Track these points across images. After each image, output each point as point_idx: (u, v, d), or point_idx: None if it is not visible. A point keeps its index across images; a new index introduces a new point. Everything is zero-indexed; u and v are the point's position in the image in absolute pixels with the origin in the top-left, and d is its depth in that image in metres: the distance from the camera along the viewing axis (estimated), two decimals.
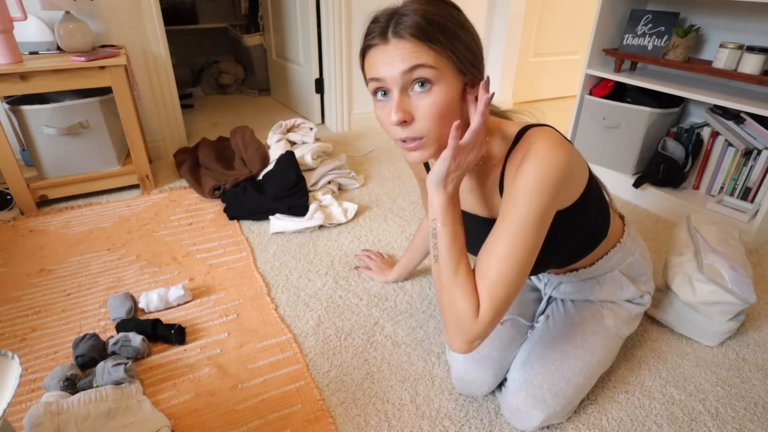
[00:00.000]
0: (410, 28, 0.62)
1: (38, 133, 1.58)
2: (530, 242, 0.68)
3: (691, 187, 1.76)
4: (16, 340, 1.09)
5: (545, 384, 0.87)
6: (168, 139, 2.15)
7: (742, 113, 1.59)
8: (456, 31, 0.65)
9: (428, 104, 0.65)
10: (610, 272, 0.97)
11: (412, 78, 0.64)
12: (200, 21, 3.45)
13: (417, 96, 0.65)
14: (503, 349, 0.94)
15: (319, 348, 1.09)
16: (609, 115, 1.84)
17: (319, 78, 2.55)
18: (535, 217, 0.67)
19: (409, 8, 0.64)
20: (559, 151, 0.67)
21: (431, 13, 0.64)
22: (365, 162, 2.15)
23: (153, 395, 0.95)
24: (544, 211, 0.68)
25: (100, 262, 1.37)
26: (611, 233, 0.92)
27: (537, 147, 0.68)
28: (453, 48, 0.64)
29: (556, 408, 0.86)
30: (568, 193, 0.74)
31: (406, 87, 0.65)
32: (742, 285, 1.06)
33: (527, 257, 0.68)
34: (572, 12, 3.05)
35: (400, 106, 0.65)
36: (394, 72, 0.64)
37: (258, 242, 1.50)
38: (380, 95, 0.68)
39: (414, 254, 1.25)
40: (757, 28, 1.58)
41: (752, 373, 1.05)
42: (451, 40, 0.64)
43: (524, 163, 0.68)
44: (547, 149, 0.67)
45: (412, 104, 0.66)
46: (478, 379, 0.92)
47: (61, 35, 1.67)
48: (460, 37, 0.65)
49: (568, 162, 0.67)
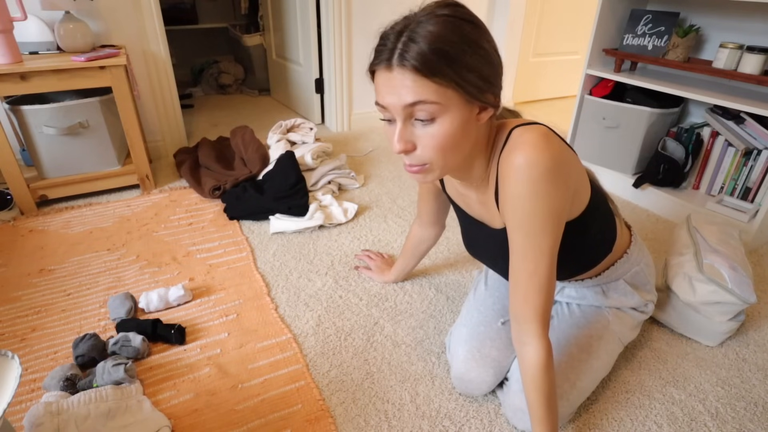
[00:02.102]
0: (415, 60, 0.59)
1: (38, 133, 1.58)
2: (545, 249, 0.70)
3: (691, 187, 1.76)
4: (16, 340, 1.09)
5: None
6: (168, 139, 2.15)
7: (742, 113, 1.59)
8: (466, 59, 0.61)
9: (430, 136, 0.64)
10: (615, 281, 0.97)
11: (413, 111, 0.63)
12: (200, 21, 3.45)
13: (420, 127, 0.64)
14: (503, 349, 0.94)
15: (319, 348, 1.09)
16: (609, 115, 1.84)
17: (319, 78, 2.55)
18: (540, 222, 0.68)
19: (419, 32, 0.60)
20: (543, 150, 0.65)
21: (442, 38, 0.59)
22: (365, 162, 2.15)
23: (153, 395, 0.95)
24: (548, 212, 0.67)
25: (100, 262, 1.37)
26: (618, 245, 0.91)
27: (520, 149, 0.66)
28: (460, 79, 0.61)
29: (559, 410, 0.86)
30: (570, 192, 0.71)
31: (409, 118, 0.64)
32: (742, 285, 1.06)
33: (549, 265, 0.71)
34: (572, 12, 3.05)
35: (402, 137, 0.65)
36: (396, 103, 0.63)
37: (258, 242, 1.50)
38: (386, 116, 0.67)
39: (407, 260, 1.24)
40: (757, 28, 1.58)
41: (752, 373, 1.05)
42: (459, 71, 0.60)
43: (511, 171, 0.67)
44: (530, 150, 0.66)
45: (414, 134, 0.65)
46: (477, 378, 0.92)
47: (61, 35, 1.67)
48: (470, 66, 0.61)
49: (552, 161, 0.65)
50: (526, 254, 0.70)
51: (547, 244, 0.70)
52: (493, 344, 0.94)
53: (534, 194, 0.66)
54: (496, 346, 0.94)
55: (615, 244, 0.90)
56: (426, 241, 1.18)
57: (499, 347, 0.94)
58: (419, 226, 1.16)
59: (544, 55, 3.12)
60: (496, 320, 0.97)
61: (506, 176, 0.69)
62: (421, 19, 0.61)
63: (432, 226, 1.14)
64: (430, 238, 1.17)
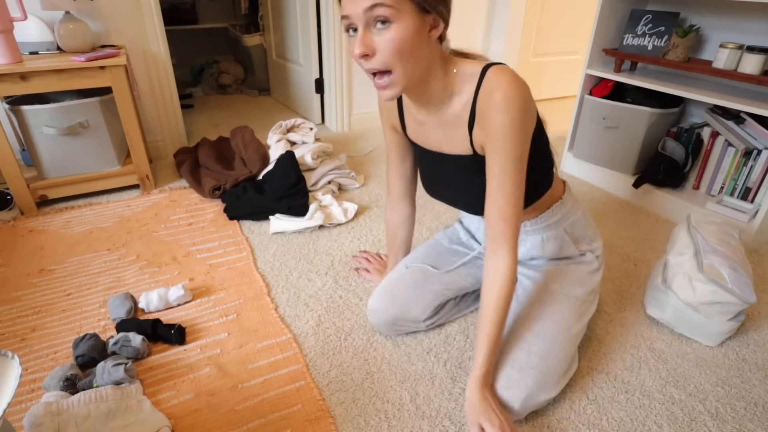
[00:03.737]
0: None
1: (38, 133, 1.58)
2: (521, 177, 0.81)
3: (691, 187, 1.76)
4: (16, 340, 1.09)
5: (506, 364, 0.90)
6: (168, 139, 2.15)
7: (742, 113, 1.59)
8: None
9: (387, 40, 0.71)
10: (555, 230, 1.02)
11: (373, 15, 0.69)
12: (200, 21, 3.45)
13: (378, 32, 0.71)
14: (405, 288, 1.08)
15: (319, 348, 1.09)
16: (609, 115, 1.84)
17: (319, 78, 2.55)
18: (520, 152, 0.79)
19: None
20: (519, 87, 0.76)
21: None
22: (365, 162, 2.15)
23: (153, 395, 0.95)
24: (526, 139, 0.79)
25: (100, 262, 1.37)
26: (554, 189, 1.00)
27: (501, 87, 0.76)
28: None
29: (528, 381, 0.86)
30: (533, 119, 0.81)
31: (369, 24, 0.71)
32: (742, 285, 1.06)
33: (522, 187, 0.82)
34: (572, 12, 3.05)
35: (362, 41, 0.72)
36: (357, 9, 0.70)
37: (258, 242, 1.50)
38: (351, 32, 0.73)
39: (395, 253, 1.22)
40: (757, 28, 1.58)
41: (752, 373, 1.05)
42: None
43: (493, 107, 0.77)
44: (510, 88, 0.76)
45: (374, 39, 0.72)
46: (376, 307, 1.08)
47: (61, 35, 1.67)
48: None
49: (525, 96, 0.77)
50: (507, 177, 0.80)
51: (522, 170, 0.81)
52: (397, 284, 1.10)
53: (517, 125, 0.77)
54: (399, 286, 1.09)
55: (552, 185, 0.98)
56: (402, 224, 1.17)
57: (401, 287, 1.09)
58: (391, 207, 1.16)
59: (544, 55, 3.12)
60: (403, 266, 1.13)
61: (489, 112, 0.78)
62: None
63: (403, 199, 1.14)
64: (405, 220, 1.17)
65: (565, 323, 0.95)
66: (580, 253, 1.05)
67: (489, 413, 0.84)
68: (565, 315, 0.97)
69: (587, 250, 1.06)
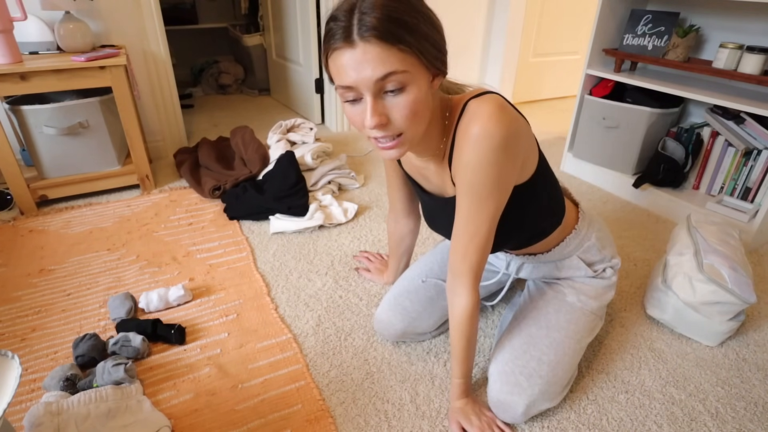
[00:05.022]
0: (375, 30, 0.59)
1: (38, 133, 1.58)
2: (488, 217, 0.76)
3: (691, 187, 1.76)
4: (16, 340, 1.09)
5: (516, 369, 0.88)
6: (168, 139, 2.15)
7: (742, 113, 1.59)
8: (420, 26, 0.62)
9: (402, 106, 0.65)
10: (568, 258, 1.01)
11: (384, 84, 0.63)
12: (200, 21, 3.45)
13: (390, 98, 0.65)
14: (417, 302, 1.06)
15: (319, 348, 1.09)
16: (609, 115, 1.84)
17: (319, 78, 2.55)
18: (488, 192, 0.73)
19: (369, 4, 0.59)
20: (498, 121, 0.68)
21: (394, 8, 0.60)
22: (365, 162, 2.15)
23: (153, 395, 0.95)
24: (496, 181, 0.73)
25: (100, 262, 1.37)
26: (566, 221, 0.96)
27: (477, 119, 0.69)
28: (420, 46, 0.62)
29: (534, 390, 0.86)
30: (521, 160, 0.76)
31: (380, 91, 0.64)
32: (742, 285, 1.06)
33: (489, 229, 0.78)
34: (572, 12, 3.05)
35: (375, 111, 0.64)
36: (365, 79, 0.62)
37: (258, 242, 1.50)
38: (350, 97, 0.66)
39: (397, 260, 1.23)
40: (757, 28, 1.58)
41: (752, 373, 1.05)
42: (417, 38, 0.62)
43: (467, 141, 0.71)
44: (486, 122, 0.69)
45: (386, 106, 0.65)
46: (386, 319, 1.06)
47: (61, 35, 1.67)
48: (424, 33, 0.63)
49: (507, 132, 0.69)
50: (470, 218, 0.76)
51: (491, 210, 0.76)
52: (409, 296, 1.06)
53: (486, 163, 0.70)
54: (410, 298, 1.06)
55: (564, 217, 0.94)
56: (406, 236, 1.17)
57: (413, 300, 1.06)
58: (394, 221, 1.15)
59: (544, 55, 3.12)
60: (419, 278, 1.09)
61: (462, 145, 0.72)
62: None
63: (406, 216, 1.13)
64: (409, 233, 1.16)
65: (578, 336, 0.95)
66: (594, 271, 1.02)
67: (468, 414, 0.89)
68: (578, 328, 0.96)
69: (607, 267, 1.03)
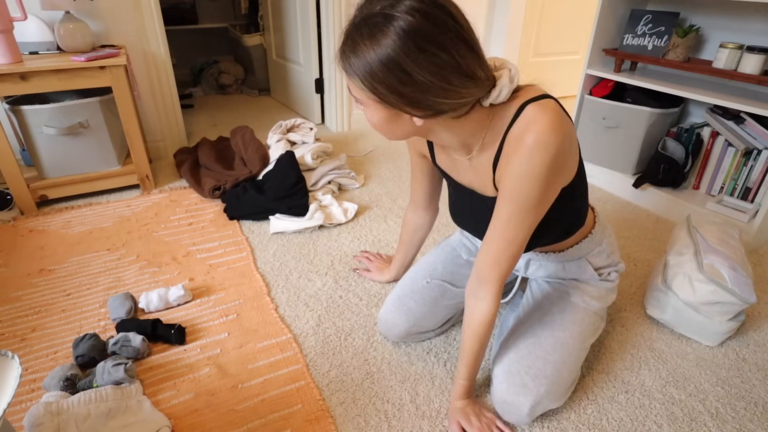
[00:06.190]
0: (355, 75, 0.66)
1: (38, 133, 1.58)
2: (527, 227, 0.76)
3: (691, 187, 1.76)
4: (16, 340, 1.09)
5: (522, 369, 0.88)
6: (168, 139, 2.15)
7: (742, 113, 1.59)
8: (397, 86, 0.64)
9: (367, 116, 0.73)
10: (577, 260, 1.01)
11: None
12: (200, 21, 3.45)
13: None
14: (421, 303, 1.05)
15: (319, 348, 1.09)
16: (609, 115, 1.84)
17: (319, 78, 2.55)
18: (534, 204, 0.73)
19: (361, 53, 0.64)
20: (556, 133, 0.68)
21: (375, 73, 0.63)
22: (365, 162, 2.15)
23: (153, 395, 0.95)
24: (544, 194, 0.73)
25: (100, 262, 1.37)
26: (585, 226, 0.96)
27: (534, 128, 0.68)
28: (385, 99, 0.66)
29: (540, 390, 0.86)
30: (567, 170, 0.76)
31: None
32: (742, 285, 1.06)
33: (526, 238, 0.77)
34: (572, 12, 3.05)
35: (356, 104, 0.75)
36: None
37: (258, 242, 1.50)
38: None
39: (406, 250, 1.24)
40: (757, 28, 1.58)
41: (752, 373, 1.05)
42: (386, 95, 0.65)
43: (521, 148, 0.70)
44: (544, 132, 0.68)
45: None
46: (391, 320, 1.06)
47: (61, 35, 1.67)
48: (399, 92, 0.64)
49: (562, 144, 0.69)
50: (510, 225, 0.76)
51: (531, 221, 0.76)
52: (414, 297, 1.06)
53: (536, 176, 0.70)
54: (415, 299, 1.06)
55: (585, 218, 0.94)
56: (422, 227, 1.18)
57: (418, 301, 1.06)
58: (413, 212, 1.16)
59: (544, 55, 3.12)
60: (422, 279, 1.09)
61: (514, 151, 0.71)
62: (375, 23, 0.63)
63: (425, 209, 1.14)
64: (425, 224, 1.17)
65: (582, 336, 0.95)
66: (600, 275, 1.02)
67: (468, 414, 0.89)
68: (583, 328, 0.96)
69: (612, 271, 1.04)
